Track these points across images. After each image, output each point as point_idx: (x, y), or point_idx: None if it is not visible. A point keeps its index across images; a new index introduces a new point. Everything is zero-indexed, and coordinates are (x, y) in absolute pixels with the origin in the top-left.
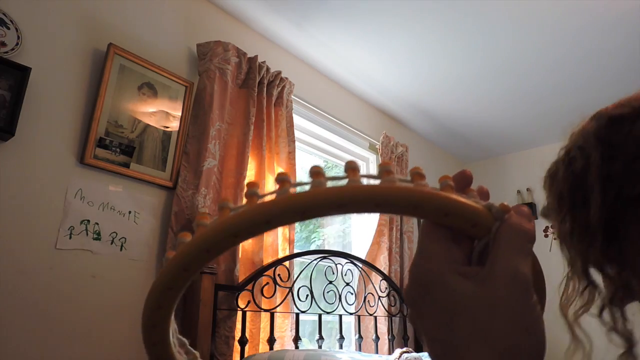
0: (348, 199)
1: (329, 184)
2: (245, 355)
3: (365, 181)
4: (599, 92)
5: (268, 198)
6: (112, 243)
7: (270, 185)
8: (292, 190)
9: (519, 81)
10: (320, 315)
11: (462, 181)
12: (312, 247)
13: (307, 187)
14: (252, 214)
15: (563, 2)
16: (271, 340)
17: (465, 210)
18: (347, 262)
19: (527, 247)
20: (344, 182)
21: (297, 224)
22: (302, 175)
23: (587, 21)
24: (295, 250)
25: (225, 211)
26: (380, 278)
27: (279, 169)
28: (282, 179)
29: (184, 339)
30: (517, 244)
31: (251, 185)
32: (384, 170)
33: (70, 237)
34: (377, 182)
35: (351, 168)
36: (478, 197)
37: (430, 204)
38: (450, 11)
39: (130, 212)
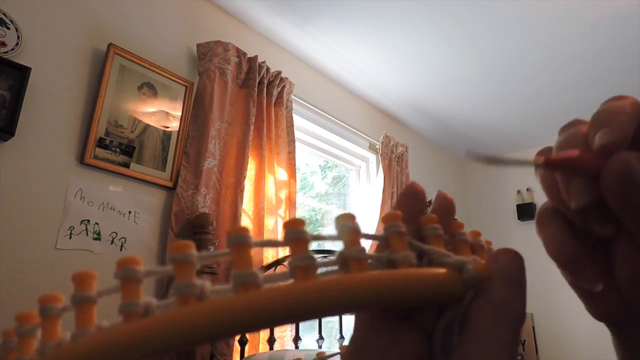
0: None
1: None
2: (245, 355)
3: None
4: (599, 92)
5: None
6: (112, 243)
7: (270, 185)
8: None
9: (520, 81)
10: None
11: (442, 210)
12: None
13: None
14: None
15: (564, 2)
16: (271, 340)
17: (421, 289)
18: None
19: (513, 338)
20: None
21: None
22: (301, 176)
23: (588, 21)
24: None
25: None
26: None
27: (279, 169)
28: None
29: None
30: (500, 335)
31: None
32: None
33: (70, 237)
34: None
35: (302, 268)
36: (445, 239)
37: (366, 296)
38: (451, 12)
39: (130, 212)
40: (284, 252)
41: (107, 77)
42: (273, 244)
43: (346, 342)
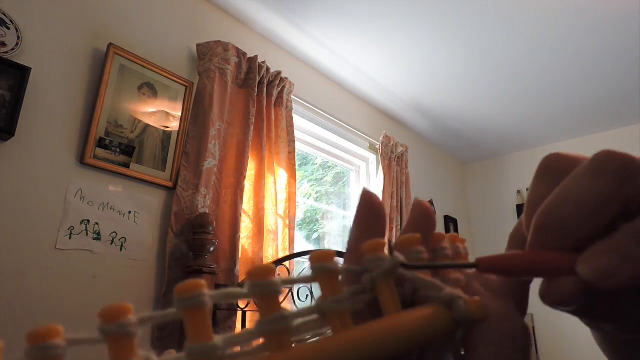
0: None
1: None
2: None
3: None
4: (599, 92)
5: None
6: (112, 243)
7: (270, 185)
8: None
9: (520, 81)
10: None
11: (421, 225)
12: (313, 241)
13: None
14: None
15: (565, 2)
16: None
17: (410, 337)
18: None
19: None
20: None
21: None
22: (301, 174)
23: (588, 22)
24: (296, 250)
25: None
26: None
27: (279, 169)
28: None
29: None
30: None
31: None
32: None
33: (70, 237)
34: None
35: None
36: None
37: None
38: (451, 12)
39: (130, 212)
40: (284, 252)
41: (107, 77)
42: (232, 295)
43: None
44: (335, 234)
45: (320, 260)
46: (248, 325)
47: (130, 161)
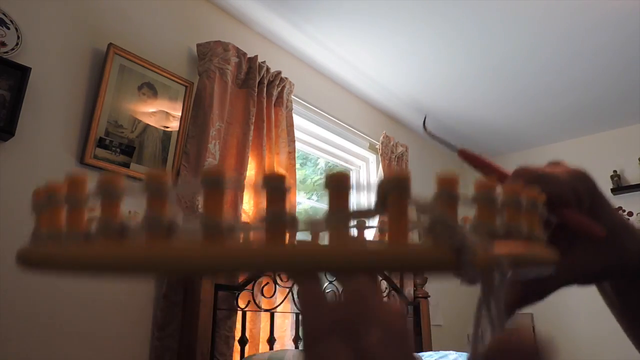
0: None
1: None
2: (245, 355)
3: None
4: (599, 92)
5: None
6: None
7: None
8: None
9: (520, 81)
10: None
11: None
12: None
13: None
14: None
15: (564, 2)
16: (271, 340)
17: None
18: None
19: None
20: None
21: None
22: (301, 174)
23: (588, 21)
24: None
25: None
26: (380, 278)
27: (279, 169)
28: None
29: None
30: None
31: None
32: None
33: None
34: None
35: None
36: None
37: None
38: (451, 11)
39: (130, 212)
40: None
41: (107, 77)
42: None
43: None
44: None
45: (337, 180)
46: (248, 324)
47: (130, 161)
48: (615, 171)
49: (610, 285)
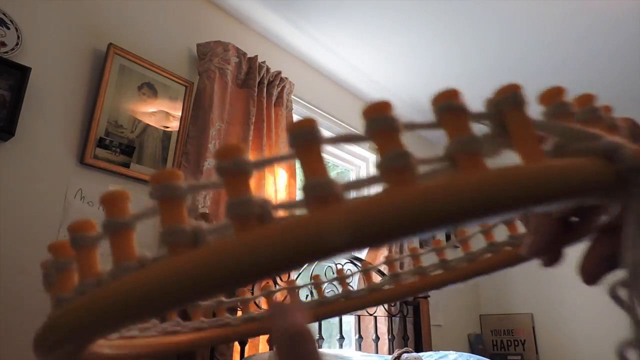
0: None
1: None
2: (245, 355)
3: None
4: (599, 92)
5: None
6: None
7: (269, 185)
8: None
9: (518, 81)
10: None
11: None
12: None
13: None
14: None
15: (564, 2)
16: (271, 340)
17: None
18: (346, 262)
19: None
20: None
21: None
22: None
23: (588, 22)
24: None
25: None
26: (381, 278)
27: (279, 170)
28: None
29: None
30: None
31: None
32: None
33: None
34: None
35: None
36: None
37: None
38: (450, 11)
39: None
40: None
41: (107, 77)
42: (350, 139)
43: (346, 342)
44: None
45: (446, 99)
46: None
47: (130, 161)
48: None
49: None
